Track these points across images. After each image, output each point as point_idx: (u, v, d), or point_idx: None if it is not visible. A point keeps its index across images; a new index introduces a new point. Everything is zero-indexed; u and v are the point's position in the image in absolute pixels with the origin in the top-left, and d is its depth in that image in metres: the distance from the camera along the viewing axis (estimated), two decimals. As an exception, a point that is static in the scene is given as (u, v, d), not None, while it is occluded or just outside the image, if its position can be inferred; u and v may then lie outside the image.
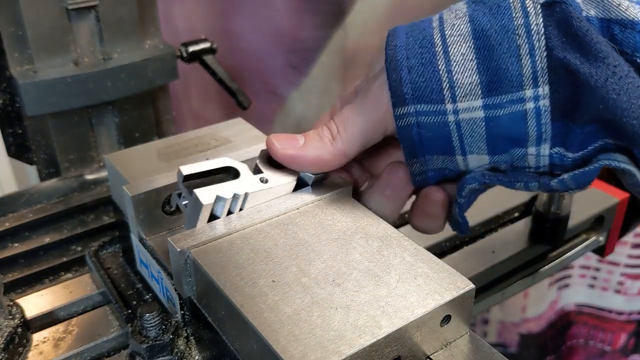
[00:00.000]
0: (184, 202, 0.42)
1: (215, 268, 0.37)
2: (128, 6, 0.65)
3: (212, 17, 0.97)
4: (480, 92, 0.37)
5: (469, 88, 0.37)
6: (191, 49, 0.73)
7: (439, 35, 0.38)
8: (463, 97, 0.37)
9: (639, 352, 1.21)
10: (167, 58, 0.68)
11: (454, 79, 0.37)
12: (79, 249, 0.57)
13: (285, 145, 0.41)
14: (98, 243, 0.55)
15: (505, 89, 0.36)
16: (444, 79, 0.38)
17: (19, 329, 0.45)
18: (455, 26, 0.38)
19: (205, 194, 0.39)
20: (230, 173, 0.41)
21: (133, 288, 0.50)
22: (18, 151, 0.69)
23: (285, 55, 1.01)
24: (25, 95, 0.61)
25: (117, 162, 0.48)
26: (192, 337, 0.42)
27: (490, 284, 0.56)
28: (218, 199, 0.39)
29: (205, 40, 0.74)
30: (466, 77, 0.37)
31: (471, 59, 0.37)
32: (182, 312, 0.41)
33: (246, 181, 0.41)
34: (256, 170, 0.43)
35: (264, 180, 0.42)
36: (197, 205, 0.39)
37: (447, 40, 0.38)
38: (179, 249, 0.38)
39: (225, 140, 0.51)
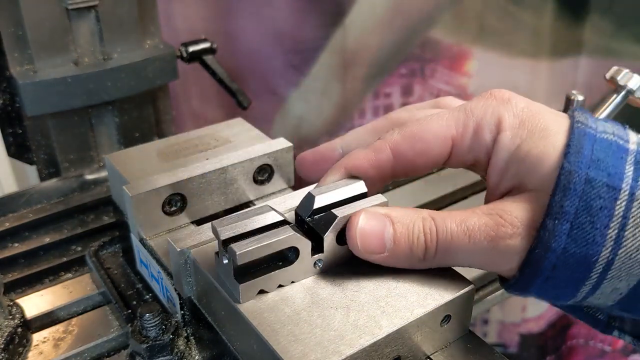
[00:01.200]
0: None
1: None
2: (128, 6, 0.65)
3: (212, 17, 0.97)
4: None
5: (595, 309, 0.34)
6: (191, 49, 0.73)
7: (605, 262, 0.30)
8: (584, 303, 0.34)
9: (639, 352, 1.21)
10: (167, 58, 0.68)
11: (587, 302, 0.33)
12: (79, 249, 0.57)
13: (370, 245, 0.34)
14: (98, 243, 0.55)
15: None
16: (577, 299, 0.33)
17: (19, 329, 0.44)
18: (629, 261, 0.30)
19: (248, 291, 0.34)
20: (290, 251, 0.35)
21: (133, 288, 0.50)
22: (18, 151, 0.69)
23: (285, 55, 1.01)
24: (25, 95, 0.61)
25: (117, 162, 0.48)
26: (192, 337, 0.42)
27: (490, 283, 0.56)
28: (261, 291, 0.35)
29: (205, 40, 0.74)
30: (600, 302, 0.33)
31: (621, 294, 0.32)
32: (182, 312, 0.41)
33: (299, 268, 0.35)
34: (316, 240, 0.35)
35: (317, 265, 0.36)
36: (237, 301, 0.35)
37: (610, 273, 0.31)
38: (179, 249, 0.38)
39: (225, 140, 0.51)
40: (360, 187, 0.37)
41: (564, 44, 1.04)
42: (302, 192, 0.43)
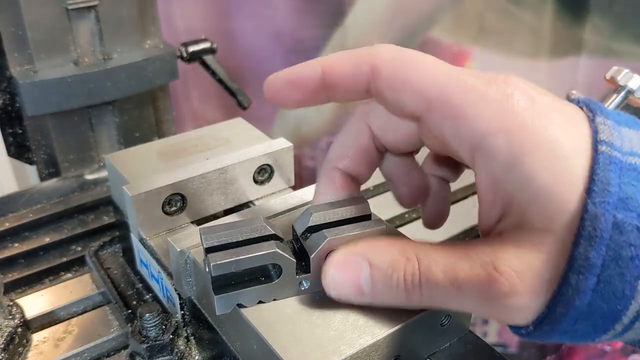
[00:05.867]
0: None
1: (215, 268, 0.37)
2: (128, 6, 0.65)
3: (212, 17, 0.97)
4: None
5: None
6: (191, 49, 0.73)
7: (634, 315, 0.26)
8: None
9: (639, 352, 1.21)
10: (167, 58, 0.68)
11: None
12: (79, 249, 0.57)
13: (344, 293, 0.31)
14: (98, 243, 0.55)
15: None
16: (595, 343, 0.29)
17: (19, 329, 0.44)
18: None
19: (225, 303, 0.34)
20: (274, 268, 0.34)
21: (133, 288, 0.50)
22: (18, 151, 0.69)
23: (286, 55, 1.01)
24: (25, 95, 0.61)
25: (117, 162, 0.48)
26: (192, 337, 0.42)
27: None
28: (239, 305, 0.34)
29: (205, 40, 0.74)
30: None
31: None
32: (182, 312, 0.41)
33: (282, 286, 0.34)
34: (306, 259, 0.34)
35: (302, 286, 0.34)
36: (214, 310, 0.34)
37: (637, 324, 0.27)
38: (179, 249, 0.38)
39: (225, 140, 0.51)
40: (363, 208, 0.35)
41: (564, 44, 1.04)
42: (303, 192, 0.44)
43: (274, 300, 0.34)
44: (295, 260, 0.33)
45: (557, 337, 0.28)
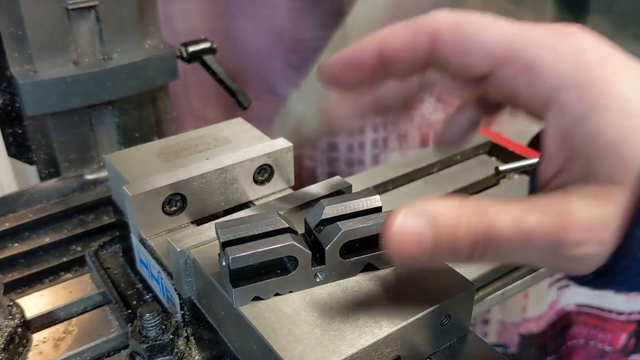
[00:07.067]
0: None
1: (215, 268, 0.37)
2: (128, 6, 0.65)
3: (212, 17, 0.97)
4: None
5: None
6: (191, 49, 0.73)
7: None
8: None
9: (639, 352, 1.21)
10: (167, 58, 0.68)
11: None
12: (79, 249, 0.57)
13: (408, 252, 0.28)
14: (98, 243, 0.55)
15: None
16: None
17: (19, 329, 0.45)
18: None
19: (243, 296, 0.34)
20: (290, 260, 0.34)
21: (133, 288, 0.50)
22: (18, 151, 0.69)
23: (286, 56, 1.01)
24: (25, 95, 0.61)
25: (117, 162, 0.48)
26: (192, 337, 0.42)
27: (490, 283, 0.56)
28: (256, 297, 0.35)
29: (205, 40, 0.74)
30: None
31: None
32: (182, 312, 0.41)
33: (298, 278, 0.34)
34: (320, 252, 0.34)
35: (318, 277, 0.35)
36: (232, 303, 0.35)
37: None
38: (179, 249, 0.38)
39: (225, 140, 0.51)
40: (374, 201, 0.35)
41: (564, 44, 1.04)
42: (303, 192, 0.44)
43: (290, 292, 0.35)
44: (311, 253, 0.34)
45: (614, 287, 0.29)
